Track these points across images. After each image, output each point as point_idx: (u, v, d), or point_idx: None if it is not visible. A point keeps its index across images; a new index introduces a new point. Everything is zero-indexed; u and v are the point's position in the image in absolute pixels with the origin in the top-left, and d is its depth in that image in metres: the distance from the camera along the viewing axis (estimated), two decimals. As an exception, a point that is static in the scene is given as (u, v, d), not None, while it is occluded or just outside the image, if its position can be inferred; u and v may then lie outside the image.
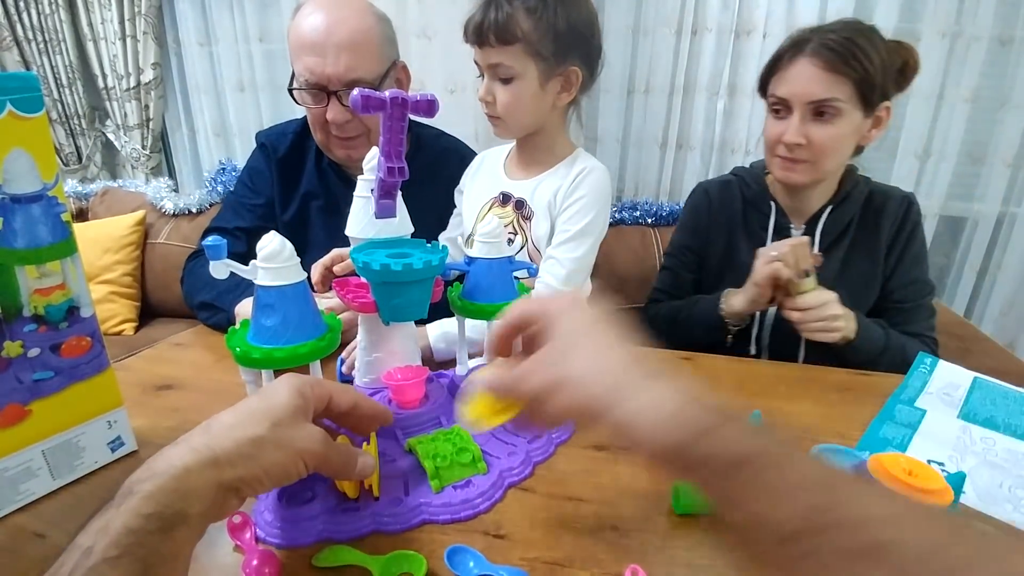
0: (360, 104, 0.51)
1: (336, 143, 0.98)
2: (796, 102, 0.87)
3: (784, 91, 0.88)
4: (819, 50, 0.85)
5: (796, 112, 0.88)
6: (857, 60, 0.84)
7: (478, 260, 0.65)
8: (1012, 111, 1.62)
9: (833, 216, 0.97)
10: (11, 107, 0.46)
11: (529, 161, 0.95)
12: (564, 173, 0.91)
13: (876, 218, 0.97)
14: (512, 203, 0.94)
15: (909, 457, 0.46)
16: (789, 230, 0.98)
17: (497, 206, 0.95)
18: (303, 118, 1.06)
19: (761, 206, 1.00)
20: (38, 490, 0.53)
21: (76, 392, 0.54)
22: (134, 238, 1.79)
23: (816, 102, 0.86)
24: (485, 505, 0.51)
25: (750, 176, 1.04)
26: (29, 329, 0.50)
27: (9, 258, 0.48)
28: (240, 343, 0.53)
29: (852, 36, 0.85)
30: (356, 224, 0.62)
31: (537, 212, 0.92)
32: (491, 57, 0.84)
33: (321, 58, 0.89)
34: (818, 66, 0.85)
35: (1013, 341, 1.76)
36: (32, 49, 2.21)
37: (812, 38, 0.86)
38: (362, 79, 0.91)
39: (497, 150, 1.02)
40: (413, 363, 0.66)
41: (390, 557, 0.45)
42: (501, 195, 0.95)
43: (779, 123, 0.91)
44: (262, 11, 2.05)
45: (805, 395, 0.75)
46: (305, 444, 0.41)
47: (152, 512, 0.32)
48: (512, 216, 0.94)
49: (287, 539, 0.47)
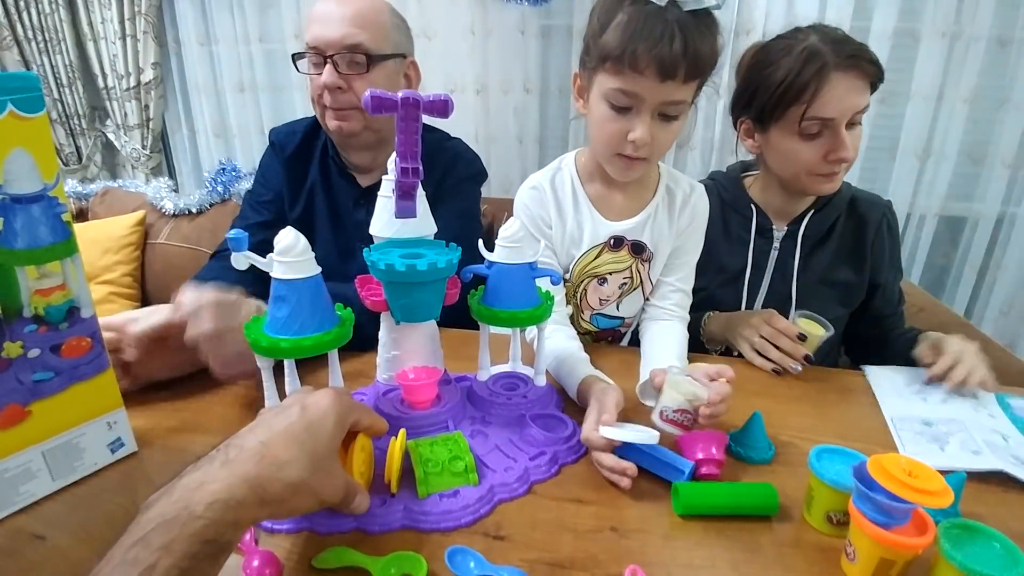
0: (371, 105, 0.51)
1: (329, 114, 0.98)
2: (841, 119, 0.83)
3: (832, 111, 0.82)
4: (852, 63, 0.82)
5: (841, 127, 0.84)
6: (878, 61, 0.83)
7: (498, 264, 0.64)
8: (1011, 111, 1.62)
9: (815, 219, 0.97)
10: (12, 107, 0.46)
11: (627, 195, 0.85)
12: (669, 202, 0.86)
13: (859, 224, 0.98)
14: (627, 247, 0.85)
15: (909, 458, 0.46)
16: (772, 231, 0.98)
17: (608, 251, 0.85)
18: (313, 116, 1.08)
19: (742, 209, 0.99)
20: (38, 491, 0.53)
21: (76, 393, 0.54)
22: (134, 238, 1.79)
23: (858, 113, 0.84)
24: (468, 519, 0.51)
25: (726, 180, 1.03)
26: (29, 330, 0.50)
27: (9, 258, 0.47)
28: (255, 332, 0.54)
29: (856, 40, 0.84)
30: (378, 223, 0.62)
31: (658, 254, 0.86)
32: (671, 94, 0.70)
33: (325, 25, 0.93)
34: (857, 77, 0.82)
35: (1013, 341, 1.76)
36: (32, 49, 2.20)
37: (823, 49, 0.82)
38: (361, 46, 0.93)
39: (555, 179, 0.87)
40: (431, 363, 0.66)
41: (390, 558, 0.45)
42: (612, 240, 0.85)
43: (817, 143, 0.85)
44: (262, 11, 2.05)
45: (805, 395, 0.75)
46: (328, 494, 0.44)
47: (210, 539, 0.35)
48: (630, 261, 0.86)
49: (274, 527, 0.50)
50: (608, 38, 0.69)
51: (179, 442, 0.62)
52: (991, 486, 0.59)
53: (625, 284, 0.87)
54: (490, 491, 0.54)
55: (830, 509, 0.50)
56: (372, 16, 0.95)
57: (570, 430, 0.63)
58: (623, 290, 0.88)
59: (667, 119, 0.73)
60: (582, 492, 0.55)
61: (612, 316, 0.91)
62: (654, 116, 0.72)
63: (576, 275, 0.88)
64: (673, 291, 0.87)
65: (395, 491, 0.52)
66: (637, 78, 0.69)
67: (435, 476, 0.53)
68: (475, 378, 0.71)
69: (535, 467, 0.57)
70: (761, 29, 1.62)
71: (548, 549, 0.48)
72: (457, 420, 0.64)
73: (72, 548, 0.47)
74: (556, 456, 0.59)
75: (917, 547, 0.43)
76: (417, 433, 0.60)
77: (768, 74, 0.86)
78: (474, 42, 1.79)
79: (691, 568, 0.47)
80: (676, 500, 0.53)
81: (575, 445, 0.62)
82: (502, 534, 0.50)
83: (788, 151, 0.88)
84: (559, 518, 0.52)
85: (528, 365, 0.74)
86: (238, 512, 0.37)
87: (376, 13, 0.96)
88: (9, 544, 0.48)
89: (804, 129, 0.85)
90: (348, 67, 0.94)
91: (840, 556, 0.48)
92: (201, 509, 0.35)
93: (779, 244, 0.98)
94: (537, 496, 0.55)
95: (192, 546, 0.34)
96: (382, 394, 0.66)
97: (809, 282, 0.98)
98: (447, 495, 0.52)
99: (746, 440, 0.61)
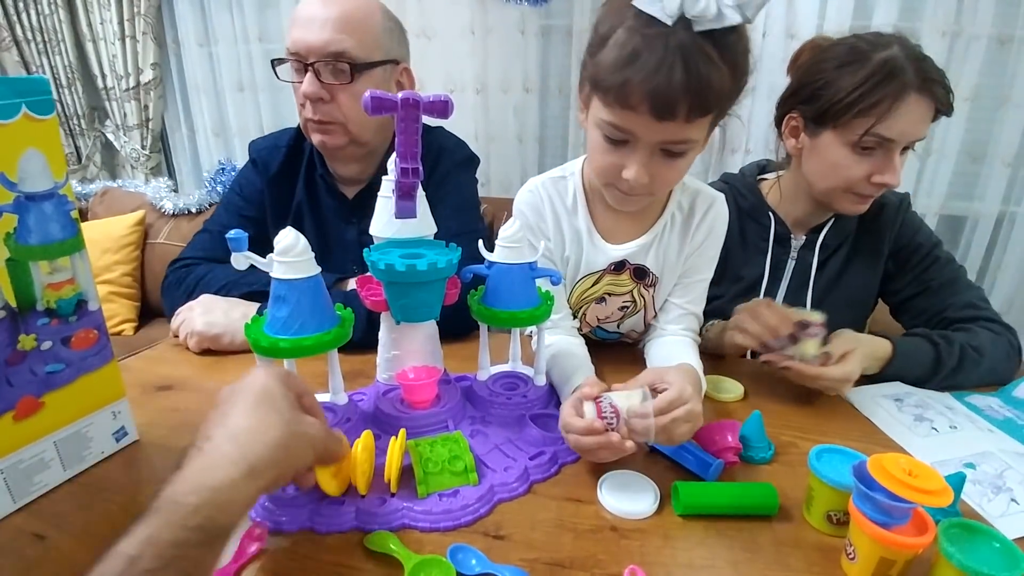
0: (370, 106, 0.50)
1: (311, 126, 0.92)
2: (901, 143, 0.78)
3: (896, 132, 0.77)
4: (930, 87, 0.76)
5: (897, 151, 0.79)
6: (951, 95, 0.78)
7: (497, 265, 0.64)
8: (1012, 110, 1.62)
9: (835, 228, 0.93)
10: (26, 109, 0.48)
11: (632, 216, 0.77)
12: (682, 219, 0.78)
13: (876, 225, 0.93)
14: (629, 271, 0.79)
15: (909, 457, 0.46)
16: (790, 241, 0.94)
17: (608, 274, 0.79)
18: (296, 128, 1.02)
19: (760, 218, 0.95)
20: (51, 481, 0.54)
21: (85, 384, 0.55)
22: (134, 238, 1.79)
23: (917, 140, 0.80)
24: (467, 519, 0.51)
25: (744, 186, 0.97)
26: (42, 323, 0.51)
27: (24, 254, 0.49)
28: (255, 332, 0.54)
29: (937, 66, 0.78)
30: (378, 223, 0.62)
31: (664, 279, 0.80)
32: (672, 133, 0.60)
33: (307, 29, 0.85)
34: (930, 104, 0.77)
35: (1013, 340, 1.76)
36: (32, 49, 2.20)
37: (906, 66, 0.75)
38: (346, 53, 0.85)
39: (558, 189, 0.79)
40: (431, 363, 0.66)
41: (425, 559, 0.45)
42: (612, 266, 0.79)
43: (867, 161, 0.80)
44: (261, 11, 2.05)
45: (804, 395, 0.75)
46: (313, 432, 0.43)
47: (197, 525, 0.34)
48: (631, 286, 0.80)
49: (274, 523, 0.50)
50: (603, 58, 0.59)
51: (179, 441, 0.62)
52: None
53: (626, 307, 0.82)
54: (490, 491, 0.54)
55: (830, 509, 0.50)
56: (360, 20, 0.87)
57: (570, 430, 0.63)
58: (624, 313, 0.83)
59: (672, 155, 0.63)
60: (582, 492, 0.55)
61: (613, 332, 0.87)
62: (655, 153, 0.62)
63: (574, 302, 0.83)
64: (683, 314, 0.81)
65: (395, 491, 0.52)
66: (629, 114, 0.59)
67: (435, 476, 0.53)
68: (475, 378, 0.71)
69: (535, 467, 0.57)
70: (761, 28, 1.62)
71: (548, 549, 0.48)
72: (457, 420, 0.64)
73: (72, 548, 0.47)
74: (556, 456, 0.59)
75: (917, 547, 0.43)
76: (417, 433, 0.60)
77: (842, 74, 0.78)
78: (474, 41, 1.79)
79: (691, 568, 0.47)
80: (676, 500, 0.53)
81: (575, 445, 0.61)
82: (502, 534, 0.50)
83: (835, 160, 0.82)
84: (559, 518, 0.52)
85: (528, 365, 0.74)
86: (228, 492, 0.36)
87: (365, 16, 0.88)
88: (9, 544, 0.48)
89: (862, 143, 0.79)
90: (331, 76, 0.87)
91: (840, 556, 0.48)
92: (185, 498, 0.34)
93: (796, 254, 0.94)
94: (537, 496, 0.55)
95: (177, 533, 0.33)
96: (382, 394, 0.66)
97: (826, 292, 0.94)
98: (447, 495, 0.52)
99: (746, 440, 0.61)
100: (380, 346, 0.68)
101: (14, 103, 0.47)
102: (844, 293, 0.94)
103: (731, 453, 0.59)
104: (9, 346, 0.49)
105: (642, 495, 0.54)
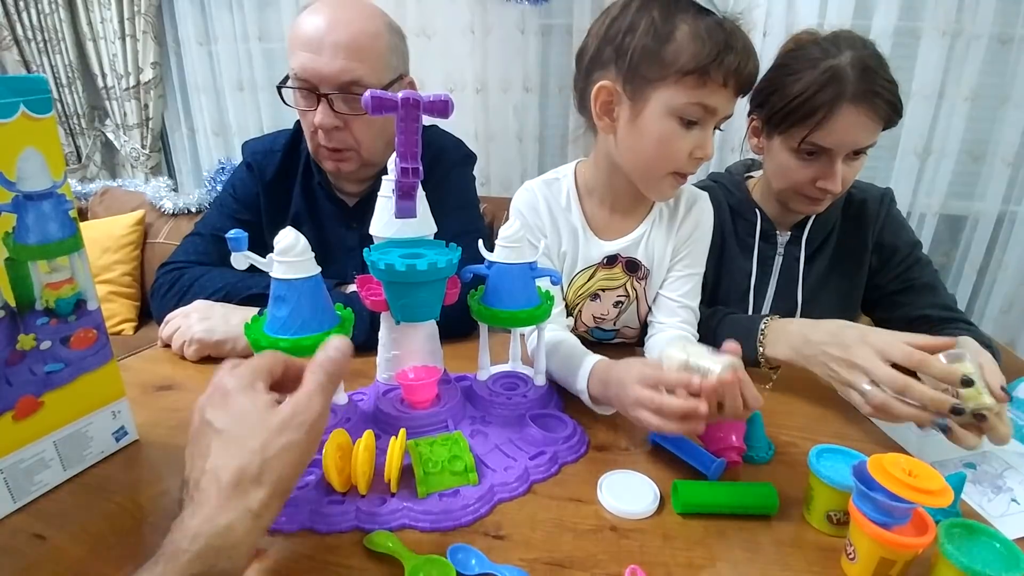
0: (371, 106, 0.50)
1: (324, 153, 0.91)
2: (839, 152, 0.80)
3: (831, 142, 0.79)
4: (868, 99, 0.77)
5: (838, 159, 0.81)
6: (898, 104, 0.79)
7: (497, 265, 0.63)
8: (1012, 109, 1.62)
9: (817, 223, 0.95)
10: (24, 108, 0.47)
11: (624, 213, 0.82)
12: (668, 214, 0.83)
13: (859, 220, 0.95)
14: (621, 264, 0.83)
15: (909, 457, 0.46)
16: (775, 237, 0.95)
17: (602, 268, 0.83)
18: (291, 130, 1.01)
19: (746, 214, 0.96)
20: (51, 481, 0.54)
21: (84, 383, 0.55)
22: (133, 238, 1.79)
23: (860, 149, 0.82)
24: (467, 519, 0.51)
25: (730, 183, 0.99)
26: (41, 322, 0.51)
27: (23, 253, 0.49)
28: (255, 332, 0.54)
29: (888, 75, 0.78)
30: (378, 223, 0.62)
31: (654, 271, 0.83)
32: (732, 108, 0.71)
33: (316, 55, 0.82)
34: (869, 115, 0.78)
35: (1013, 340, 1.75)
36: (32, 49, 2.20)
37: (846, 75, 0.76)
38: (360, 82, 0.84)
39: (552, 190, 0.83)
40: (431, 363, 0.66)
41: (425, 559, 0.45)
42: (606, 259, 0.82)
43: (811, 166, 0.83)
44: (262, 10, 2.05)
45: (804, 395, 0.75)
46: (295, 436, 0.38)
47: (199, 572, 0.33)
48: (624, 279, 0.83)
49: (274, 523, 0.48)
50: (680, 48, 0.65)
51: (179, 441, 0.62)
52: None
53: (621, 302, 0.85)
54: (490, 491, 0.54)
55: (830, 509, 0.50)
56: (369, 43, 0.85)
57: (570, 430, 0.63)
58: (619, 308, 0.85)
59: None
60: (582, 492, 0.55)
61: (610, 330, 0.89)
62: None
63: (571, 299, 0.85)
64: (680, 307, 0.82)
65: (395, 491, 0.52)
66: (718, 91, 0.67)
67: (435, 476, 0.53)
68: (475, 378, 0.71)
69: (535, 467, 0.57)
70: (761, 28, 1.62)
71: (548, 549, 0.48)
72: (457, 420, 0.64)
73: (72, 548, 0.47)
74: (556, 456, 0.59)
75: (917, 547, 0.43)
76: (417, 433, 0.60)
77: (789, 81, 0.81)
78: (474, 41, 1.79)
79: (691, 568, 0.47)
80: (675, 498, 0.53)
81: (575, 445, 0.61)
82: (502, 534, 0.50)
83: (782, 163, 0.86)
84: (559, 518, 0.52)
85: (528, 365, 0.74)
86: (227, 536, 0.35)
87: (373, 38, 0.85)
88: (9, 544, 0.48)
89: (801, 149, 0.82)
90: (344, 105, 0.85)
91: (840, 556, 0.48)
92: (186, 544, 0.34)
93: (783, 249, 0.96)
94: (537, 496, 0.55)
95: None
96: (382, 394, 0.66)
97: (817, 287, 0.95)
98: (447, 495, 0.52)
99: (746, 440, 0.61)
100: (380, 346, 0.68)
101: (12, 102, 0.46)
102: (834, 287, 0.96)
103: (734, 453, 0.59)
104: (8, 346, 0.49)
105: (642, 495, 0.54)
